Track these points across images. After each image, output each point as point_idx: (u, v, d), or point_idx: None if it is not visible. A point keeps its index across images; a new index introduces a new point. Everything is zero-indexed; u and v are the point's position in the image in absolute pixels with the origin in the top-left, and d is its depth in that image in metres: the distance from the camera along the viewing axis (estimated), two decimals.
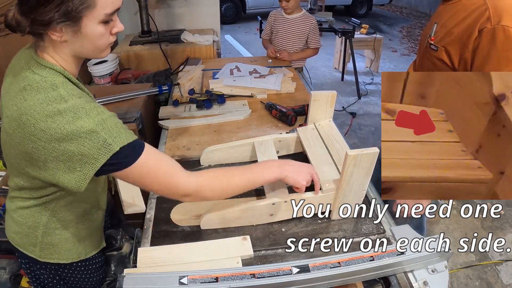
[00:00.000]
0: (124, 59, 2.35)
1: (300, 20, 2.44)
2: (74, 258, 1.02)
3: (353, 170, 0.95)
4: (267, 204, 1.02)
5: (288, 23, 2.46)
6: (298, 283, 0.80)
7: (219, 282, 0.78)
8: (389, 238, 1.02)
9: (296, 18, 2.45)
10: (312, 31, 2.46)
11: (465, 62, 1.17)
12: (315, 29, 2.47)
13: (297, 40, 2.49)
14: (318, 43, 2.52)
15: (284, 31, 2.49)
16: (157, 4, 2.71)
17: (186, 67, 2.24)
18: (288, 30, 2.47)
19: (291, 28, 2.46)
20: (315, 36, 2.49)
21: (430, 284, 0.87)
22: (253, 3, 7.94)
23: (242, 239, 0.97)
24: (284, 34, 2.49)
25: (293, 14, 2.44)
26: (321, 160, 1.17)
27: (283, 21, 2.48)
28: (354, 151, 0.92)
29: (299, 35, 2.47)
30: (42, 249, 0.96)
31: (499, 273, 2.08)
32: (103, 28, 0.75)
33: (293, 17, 2.45)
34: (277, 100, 1.78)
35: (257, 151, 1.25)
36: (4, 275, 1.65)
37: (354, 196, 1.03)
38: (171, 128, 1.59)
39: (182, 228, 1.05)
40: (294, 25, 2.45)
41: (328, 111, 1.33)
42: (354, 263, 0.84)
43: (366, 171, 0.97)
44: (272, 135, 1.33)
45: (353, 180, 0.98)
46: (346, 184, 0.99)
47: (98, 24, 0.74)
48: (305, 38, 2.48)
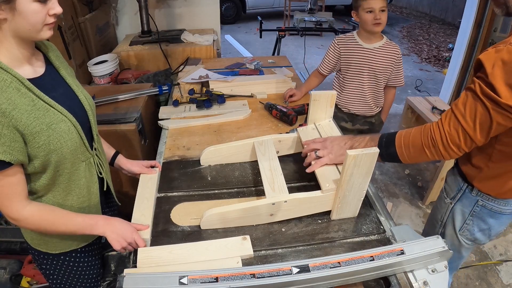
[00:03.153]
0: (124, 59, 2.35)
1: (383, 50, 1.76)
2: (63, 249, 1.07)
3: (353, 170, 0.95)
4: (267, 204, 1.02)
5: (367, 55, 1.77)
6: (298, 283, 0.80)
7: (219, 282, 0.78)
8: (389, 238, 1.02)
9: (379, 48, 1.76)
10: (397, 65, 1.80)
11: None
12: (400, 62, 1.81)
13: (380, 78, 1.80)
14: (402, 79, 1.87)
15: (360, 66, 1.79)
16: (157, 4, 2.71)
17: (186, 67, 2.24)
18: (366, 64, 1.78)
19: (372, 62, 1.77)
20: (399, 71, 1.83)
21: (430, 284, 0.87)
22: (253, 3, 7.94)
23: (242, 239, 0.98)
24: (361, 70, 1.80)
25: (374, 42, 1.77)
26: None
27: (360, 52, 1.78)
28: (354, 151, 0.92)
29: (382, 71, 1.78)
30: (33, 238, 1.05)
31: (499, 273, 2.08)
32: (38, 6, 0.79)
33: (374, 47, 1.76)
34: (277, 100, 1.78)
35: (257, 151, 1.25)
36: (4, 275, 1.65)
37: (354, 196, 1.03)
38: (171, 128, 1.59)
39: (182, 228, 1.05)
40: (376, 57, 1.76)
41: (328, 111, 1.33)
42: (354, 263, 0.84)
43: (366, 171, 0.97)
44: (272, 135, 1.33)
45: (353, 180, 0.98)
46: (346, 184, 0.98)
47: (33, 2, 0.77)
48: (388, 75, 1.82)
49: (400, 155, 1.03)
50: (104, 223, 0.97)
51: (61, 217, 0.93)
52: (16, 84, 0.81)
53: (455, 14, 7.90)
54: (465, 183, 1.15)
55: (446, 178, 1.26)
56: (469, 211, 1.16)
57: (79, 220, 0.95)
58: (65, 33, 1.96)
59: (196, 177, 1.26)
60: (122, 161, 1.24)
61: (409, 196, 2.70)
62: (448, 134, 0.93)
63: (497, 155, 1.02)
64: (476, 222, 1.16)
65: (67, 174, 0.96)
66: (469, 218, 1.17)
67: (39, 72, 0.91)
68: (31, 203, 0.89)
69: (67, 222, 0.94)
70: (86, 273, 1.15)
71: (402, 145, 1.02)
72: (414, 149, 1.00)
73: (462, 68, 3.50)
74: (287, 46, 6.13)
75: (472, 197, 1.13)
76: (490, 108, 0.86)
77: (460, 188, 1.17)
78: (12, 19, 0.78)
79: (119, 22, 2.77)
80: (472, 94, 0.90)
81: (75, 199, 1.01)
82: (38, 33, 0.82)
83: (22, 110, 0.81)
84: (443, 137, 0.94)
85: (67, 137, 0.90)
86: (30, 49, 0.88)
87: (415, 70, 5.43)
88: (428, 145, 0.97)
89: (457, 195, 1.18)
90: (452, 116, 0.93)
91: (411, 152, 1.01)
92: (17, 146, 0.81)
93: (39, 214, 0.90)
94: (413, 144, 1.00)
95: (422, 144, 0.98)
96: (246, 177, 1.27)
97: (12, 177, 0.83)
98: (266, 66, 2.30)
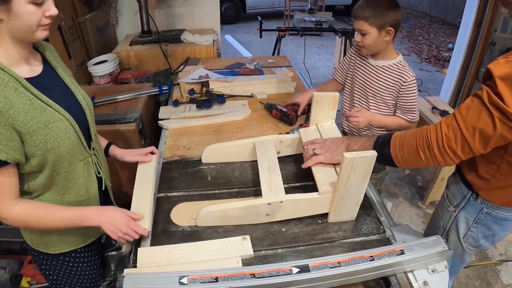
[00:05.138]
0: (124, 59, 2.35)
1: (388, 71, 1.48)
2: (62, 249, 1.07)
3: (350, 173, 0.94)
4: (263, 204, 1.02)
5: (371, 71, 1.53)
6: (298, 283, 0.80)
7: (219, 282, 0.78)
8: (389, 238, 1.02)
9: (383, 67, 1.49)
10: (402, 92, 1.47)
11: None
12: (407, 90, 1.46)
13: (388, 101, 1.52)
14: (415, 113, 1.50)
15: (364, 83, 1.56)
16: (157, 4, 2.71)
17: (186, 67, 2.24)
18: (369, 82, 1.53)
19: (375, 81, 1.51)
20: (408, 101, 1.48)
21: (430, 284, 0.87)
22: (253, 3, 7.94)
23: (242, 239, 0.98)
24: (364, 88, 1.56)
25: (380, 59, 1.50)
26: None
27: (364, 67, 1.56)
28: (351, 154, 0.90)
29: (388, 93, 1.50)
30: (32, 239, 1.05)
31: (499, 273, 2.08)
32: (33, 8, 0.79)
33: (377, 65, 1.51)
34: (277, 100, 1.78)
35: (257, 151, 1.25)
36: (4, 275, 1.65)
37: (351, 199, 1.02)
38: (171, 128, 1.59)
39: (182, 228, 1.05)
40: (379, 77, 1.50)
41: (330, 113, 1.32)
42: (354, 263, 0.84)
43: (364, 174, 0.95)
44: (273, 135, 1.33)
45: (350, 183, 0.97)
46: (343, 187, 0.97)
47: (28, 4, 0.78)
48: (393, 99, 1.51)
49: (394, 157, 0.99)
50: (97, 214, 0.96)
51: (50, 213, 0.93)
52: (14, 83, 0.82)
53: (455, 14, 7.91)
54: (469, 191, 1.12)
55: (448, 185, 1.23)
56: (473, 219, 1.13)
57: (69, 214, 0.94)
58: (65, 33, 1.96)
59: (196, 177, 1.26)
60: (116, 152, 1.24)
61: (409, 196, 2.70)
62: (445, 137, 0.89)
63: (506, 167, 0.98)
64: (480, 229, 1.14)
65: (64, 173, 0.96)
66: (473, 225, 1.14)
67: (36, 72, 0.91)
68: (21, 201, 0.89)
69: (57, 217, 0.93)
70: (86, 273, 1.15)
71: (397, 146, 0.98)
72: (409, 150, 0.96)
73: (462, 68, 3.50)
74: (287, 46, 6.14)
75: (477, 205, 1.11)
76: (496, 118, 0.82)
77: (464, 196, 1.14)
78: (8, 20, 0.78)
79: (119, 22, 2.77)
80: (479, 101, 0.85)
81: (73, 198, 1.01)
82: (33, 34, 0.83)
83: (19, 109, 0.81)
84: (439, 139, 0.90)
85: (64, 136, 0.91)
86: (27, 49, 0.89)
87: (415, 70, 5.40)
88: (423, 146, 0.93)
89: (461, 203, 1.15)
90: (453, 120, 0.89)
91: (405, 154, 0.97)
92: (14, 145, 0.81)
93: (28, 211, 0.90)
94: (407, 145, 0.96)
95: (416, 145, 0.94)
96: (246, 177, 1.27)
97: (5, 177, 0.84)
98: (266, 66, 2.30)
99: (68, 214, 0.94)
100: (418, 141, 0.94)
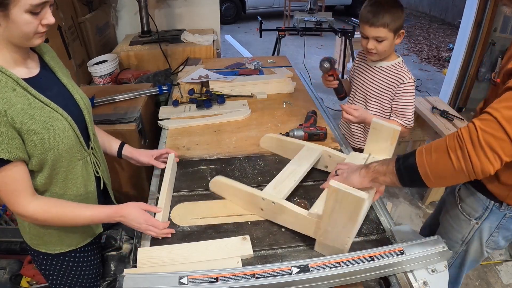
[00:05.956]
0: (124, 59, 2.35)
1: (386, 72, 1.47)
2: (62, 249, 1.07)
3: (334, 205, 0.83)
4: (259, 196, 1.04)
5: (369, 72, 1.53)
6: (298, 283, 0.80)
7: (219, 282, 0.78)
8: (389, 238, 1.02)
9: (381, 68, 1.49)
10: (399, 93, 1.45)
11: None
12: (403, 92, 1.44)
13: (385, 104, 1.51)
14: (410, 118, 1.47)
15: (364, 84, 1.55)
16: (157, 4, 2.71)
17: (186, 67, 2.24)
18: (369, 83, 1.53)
19: (374, 82, 1.51)
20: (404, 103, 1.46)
21: (430, 284, 0.87)
22: (253, 3, 7.94)
23: (242, 239, 0.98)
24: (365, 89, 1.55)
25: (380, 60, 1.49)
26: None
27: (364, 68, 1.56)
28: (337, 184, 0.80)
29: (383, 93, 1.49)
30: (31, 239, 1.05)
31: (499, 273, 2.08)
32: (30, 17, 0.80)
33: (375, 66, 1.51)
34: (277, 100, 1.77)
35: (299, 153, 1.25)
36: (4, 275, 1.65)
37: (337, 238, 0.90)
38: (171, 128, 1.59)
39: (182, 228, 1.05)
40: (377, 78, 1.50)
41: (388, 148, 1.16)
42: (354, 263, 0.84)
43: (350, 216, 0.83)
44: (324, 147, 1.29)
45: (335, 217, 0.86)
46: (328, 218, 0.87)
47: (25, 13, 0.79)
48: (389, 101, 1.50)
49: (419, 165, 0.83)
50: (117, 215, 0.98)
51: (69, 212, 0.94)
52: (11, 83, 0.82)
53: (455, 14, 7.91)
54: (491, 201, 1.09)
55: (462, 198, 1.18)
56: (495, 225, 1.13)
57: (87, 213, 0.96)
58: (65, 33, 1.96)
59: (196, 177, 1.27)
60: (130, 150, 1.25)
61: (409, 196, 2.70)
62: (479, 130, 0.76)
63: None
64: (501, 233, 1.14)
65: (63, 172, 0.96)
66: (495, 230, 1.14)
67: (33, 73, 0.92)
68: (37, 198, 0.90)
69: (75, 217, 0.95)
70: (86, 273, 1.15)
71: (423, 152, 0.84)
72: (437, 154, 0.81)
73: (462, 68, 3.51)
74: (287, 46, 6.14)
75: (500, 212, 1.09)
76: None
77: (486, 207, 1.11)
78: (6, 26, 0.80)
79: (119, 22, 2.77)
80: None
81: (72, 197, 1.01)
82: (29, 40, 0.84)
83: (18, 109, 0.82)
84: (473, 134, 0.76)
85: (63, 135, 0.91)
86: (24, 52, 0.90)
87: (415, 70, 5.43)
88: (454, 147, 0.79)
89: (483, 215, 1.13)
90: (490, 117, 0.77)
91: (433, 158, 0.82)
92: (15, 143, 0.81)
93: (45, 209, 0.90)
94: (436, 149, 0.83)
95: (446, 146, 0.80)
96: (246, 177, 1.27)
97: (15, 174, 0.84)
98: (266, 66, 2.30)
99: (86, 214, 0.96)
100: (449, 142, 0.81)
